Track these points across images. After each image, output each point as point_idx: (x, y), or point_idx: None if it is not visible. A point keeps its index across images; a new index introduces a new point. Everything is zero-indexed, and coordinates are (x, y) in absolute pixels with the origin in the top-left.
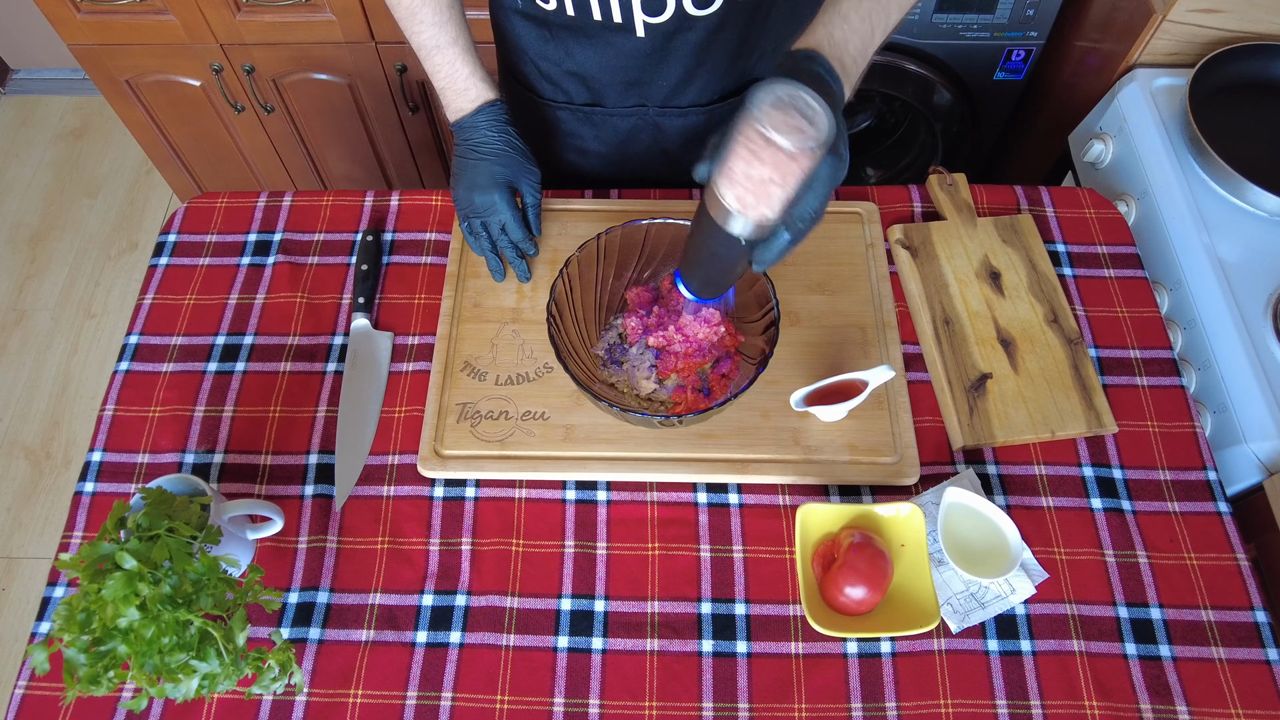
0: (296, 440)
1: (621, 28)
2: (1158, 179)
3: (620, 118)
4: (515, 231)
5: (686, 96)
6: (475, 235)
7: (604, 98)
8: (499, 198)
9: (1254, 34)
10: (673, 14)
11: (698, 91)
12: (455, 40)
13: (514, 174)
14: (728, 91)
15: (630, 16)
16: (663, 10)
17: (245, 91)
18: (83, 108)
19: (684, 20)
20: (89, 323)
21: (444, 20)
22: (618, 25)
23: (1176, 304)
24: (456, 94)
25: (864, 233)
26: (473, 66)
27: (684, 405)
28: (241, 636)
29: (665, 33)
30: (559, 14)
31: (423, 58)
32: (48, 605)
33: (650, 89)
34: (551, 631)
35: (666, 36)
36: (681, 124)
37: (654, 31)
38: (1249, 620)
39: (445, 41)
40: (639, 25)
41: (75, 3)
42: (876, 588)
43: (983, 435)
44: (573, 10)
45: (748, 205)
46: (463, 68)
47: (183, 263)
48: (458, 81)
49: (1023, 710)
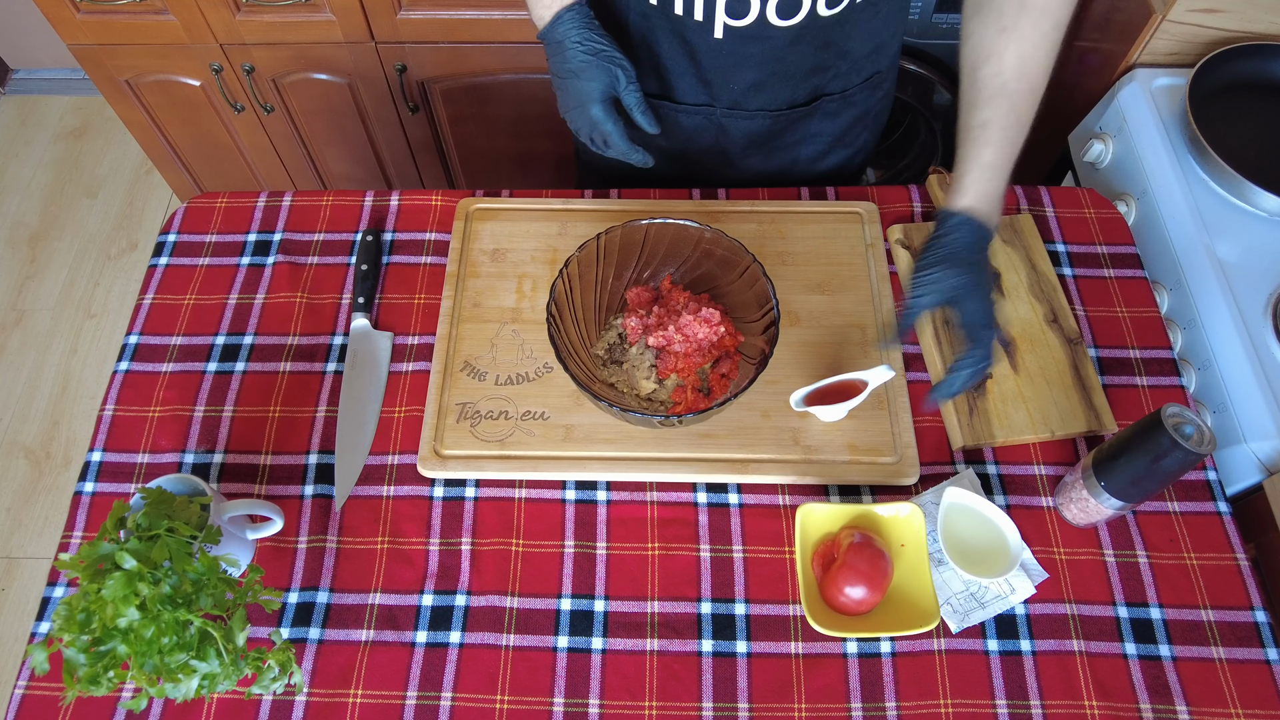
0: (296, 440)
1: (701, 26)
2: (1157, 179)
3: (686, 114)
4: (619, 145)
5: (756, 102)
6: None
7: (674, 91)
8: (598, 111)
9: (1254, 34)
10: (754, 20)
11: (767, 99)
12: None
13: (607, 83)
14: (797, 102)
15: (712, 16)
16: (746, 14)
17: (245, 91)
18: (83, 108)
19: (764, 28)
20: (89, 323)
21: None
22: (698, 23)
23: (1176, 304)
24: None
25: (864, 233)
26: None
27: (684, 405)
28: (241, 636)
29: (743, 38)
30: (641, 2)
31: None
32: (48, 605)
33: (720, 90)
34: (551, 631)
35: (744, 41)
36: (746, 126)
37: (732, 35)
38: (1249, 620)
39: None
40: (718, 26)
41: (75, 3)
42: (876, 588)
43: (982, 435)
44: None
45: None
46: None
47: (182, 263)
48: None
49: (1022, 710)
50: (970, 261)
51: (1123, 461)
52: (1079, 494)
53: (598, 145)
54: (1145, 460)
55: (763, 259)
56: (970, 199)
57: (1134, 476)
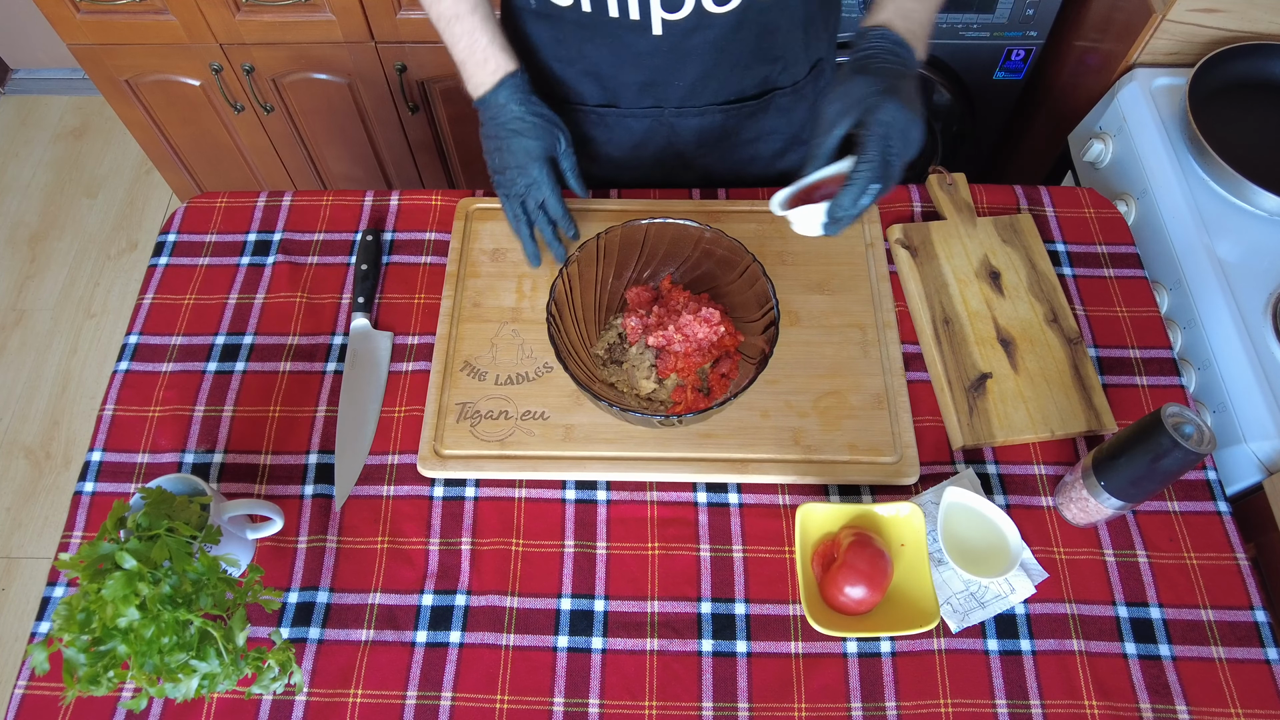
0: (296, 440)
1: (638, 25)
2: (1157, 179)
3: (635, 119)
4: (555, 208)
5: (704, 97)
6: (516, 217)
7: (619, 98)
8: (538, 172)
9: (1253, 34)
10: (691, 11)
11: (714, 91)
12: (475, 8)
13: (549, 144)
14: (746, 94)
15: (648, 12)
16: (681, 7)
17: (245, 91)
18: (82, 107)
19: (702, 18)
20: (89, 323)
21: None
22: (634, 23)
23: (1176, 304)
24: (477, 65)
25: (864, 232)
26: (491, 35)
27: (684, 405)
28: (241, 636)
29: (683, 31)
30: (574, 11)
31: (442, 29)
32: (48, 605)
33: (666, 89)
34: (551, 631)
35: (684, 35)
36: (698, 124)
37: (671, 29)
38: (1249, 620)
39: (465, 10)
40: (656, 22)
41: (75, 3)
42: (876, 587)
43: (982, 435)
44: (589, 7)
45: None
46: (481, 36)
47: (182, 263)
48: (477, 52)
49: (1022, 710)
50: (883, 70)
51: (1123, 461)
52: (1079, 494)
53: (516, 212)
54: (1145, 460)
55: (763, 259)
56: (888, 13)
57: (1134, 476)
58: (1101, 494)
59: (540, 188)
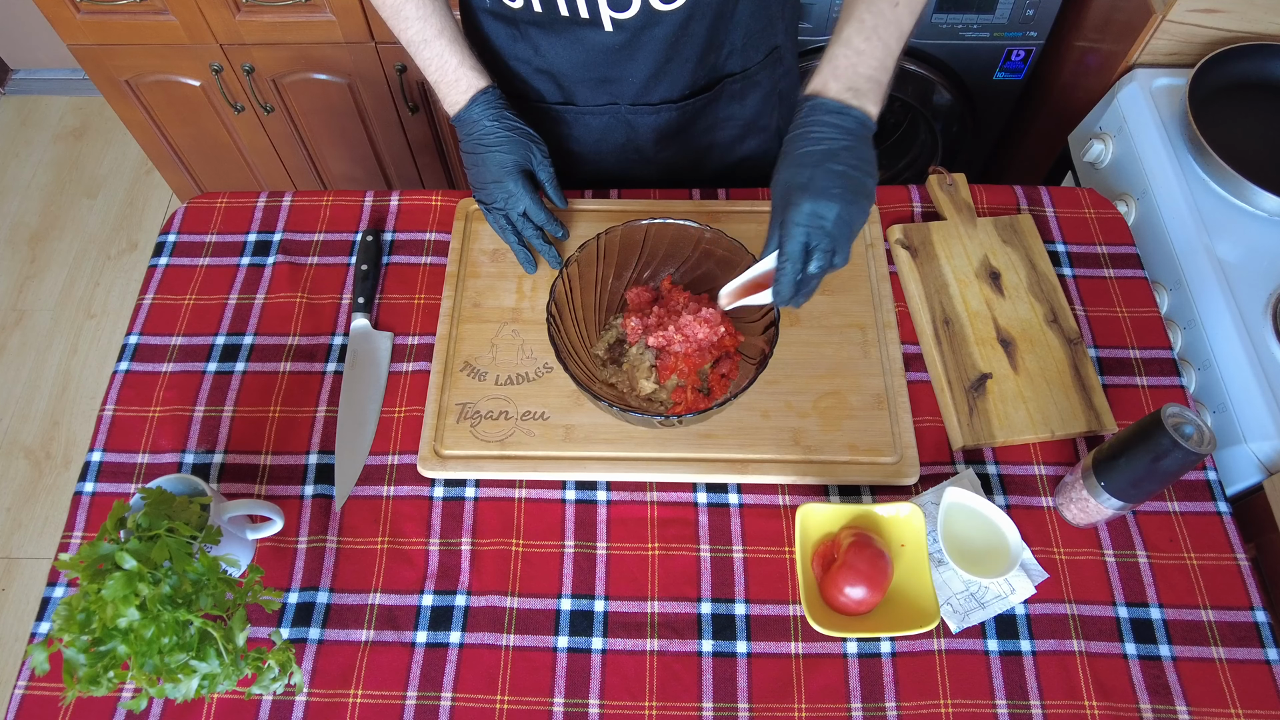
0: (296, 440)
1: (589, 23)
2: (1157, 179)
3: (592, 116)
4: (537, 215)
5: (657, 93)
6: (502, 229)
7: (575, 95)
8: (514, 185)
9: (1254, 34)
10: (639, 9)
11: (668, 88)
12: (442, 32)
13: (523, 156)
14: (699, 87)
15: (597, 11)
16: (628, 6)
17: (245, 91)
18: (82, 108)
19: (651, 15)
20: (89, 323)
21: (428, 13)
22: (585, 20)
23: (1176, 304)
24: (449, 86)
25: (864, 233)
26: (461, 56)
27: (684, 405)
28: (241, 636)
29: (633, 28)
30: (526, 10)
31: (413, 53)
32: (48, 605)
33: (621, 86)
34: (551, 631)
35: (634, 32)
36: (654, 121)
37: (621, 27)
38: (1249, 620)
39: (432, 34)
40: (606, 20)
41: (75, 3)
42: (876, 588)
43: (982, 435)
44: (539, 6)
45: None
46: (451, 58)
47: (182, 263)
48: (448, 73)
49: (1022, 710)
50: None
51: (1123, 461)
52: (1079, 494)
53: (500, 224)
54: (1145, 460)
55: None
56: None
57: (1134, 476)
58: (1101, 494)
59: (518, 200)
